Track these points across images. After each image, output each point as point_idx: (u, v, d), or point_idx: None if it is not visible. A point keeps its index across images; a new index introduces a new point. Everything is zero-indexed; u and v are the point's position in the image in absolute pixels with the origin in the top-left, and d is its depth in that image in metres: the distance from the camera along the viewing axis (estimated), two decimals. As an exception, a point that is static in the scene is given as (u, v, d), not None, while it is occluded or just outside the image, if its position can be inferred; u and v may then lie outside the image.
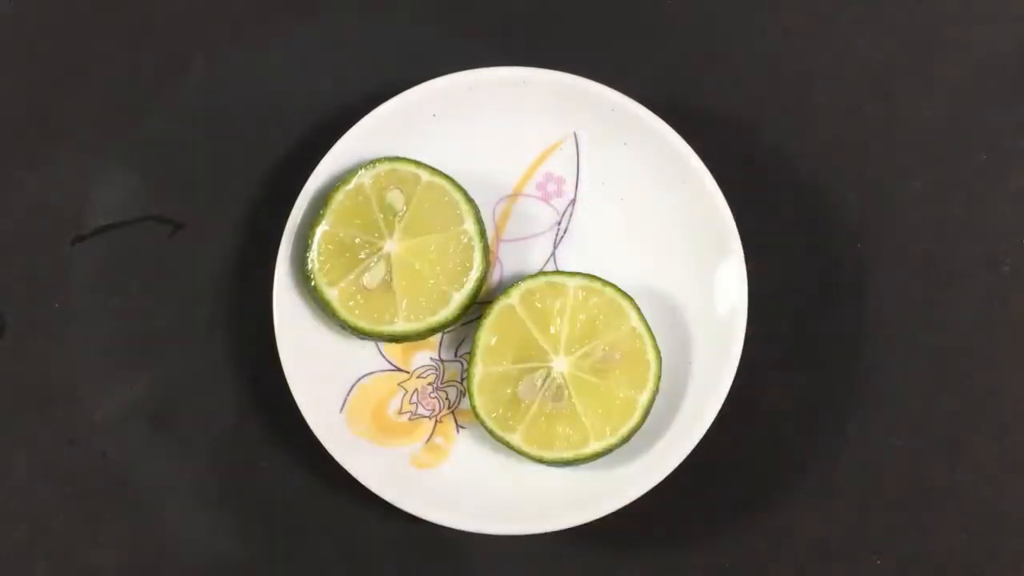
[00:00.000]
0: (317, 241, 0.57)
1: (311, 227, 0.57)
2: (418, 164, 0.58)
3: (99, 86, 0.62)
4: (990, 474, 0.60)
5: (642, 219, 0.59)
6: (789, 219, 0.61)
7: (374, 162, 0.58)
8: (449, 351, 0.60)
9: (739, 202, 0.57)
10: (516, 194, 0.60)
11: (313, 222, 0.57)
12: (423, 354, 0.60)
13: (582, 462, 0.56)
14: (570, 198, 0.60)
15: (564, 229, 0.60)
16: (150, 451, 0.60)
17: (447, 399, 0.60)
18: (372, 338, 0.58)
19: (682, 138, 0.57)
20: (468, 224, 0.57)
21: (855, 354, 0.61)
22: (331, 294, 0.57)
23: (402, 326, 0.57)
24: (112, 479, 0.60)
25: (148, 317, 0.61)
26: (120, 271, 0.61)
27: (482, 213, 0.58)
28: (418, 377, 0.60)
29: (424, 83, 0.58)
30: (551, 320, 0.57)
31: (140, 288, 0.61)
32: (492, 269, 0.60)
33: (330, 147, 0.58)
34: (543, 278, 0.57)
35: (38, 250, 0.61)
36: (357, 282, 0.57)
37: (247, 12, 0.63)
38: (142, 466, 0.60)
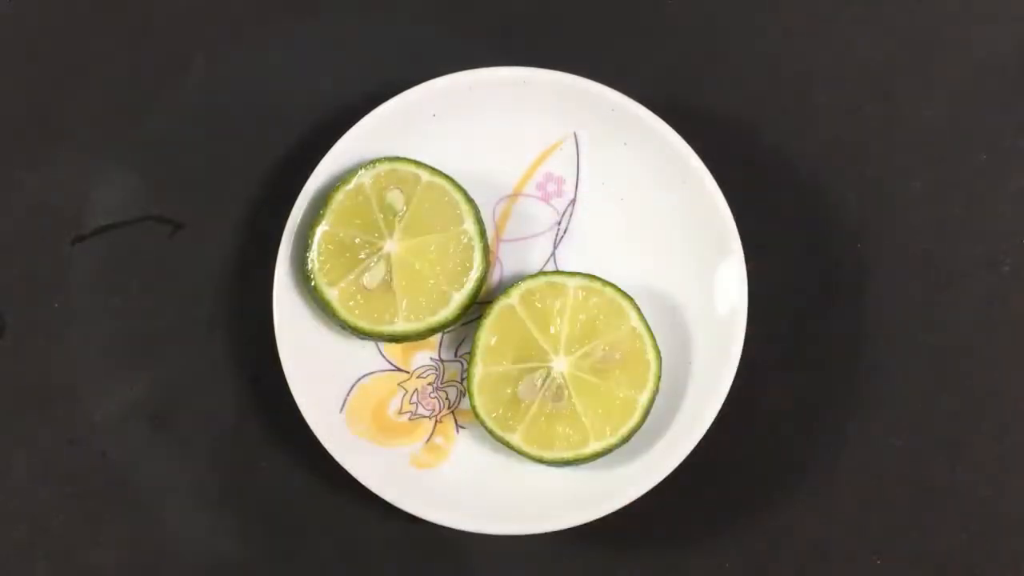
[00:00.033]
0: (317, 241, 0.57)
1: (311, 227, 0.57)
2: (418, 164, 0.58)
3: (99, 86, 0.62)
4: (990, 474, 0.60)
5: (642, 219, 0.59)
6: (789, 219, 0.61)
7: (374, 162, 0.58)
8: (449, 351, 0.60)
9: (739, 202, 0.57)
10: (516, 194, 0.60)
11: (313, 222, 0.57)
12: (423, 354, 0.60)
13: (582, 462, 0.56)
14: (570, 198, 0.60)
15: (564, 229, 0.60)
16: (150, 451, 0.60)
17: (447, 399, 0.60)
18: (372, 338, 0.58)
19: (682, 138, 0.57)
20: (468, 224, 0.57)
21: (855, 354, 0.61)
22: (331, 294, 0.57)
23: (402, 326, 0.57)
24: (112, 479, 0.60)
25: (148, 317, 0.61)
26: (120, 271, 0.61)
27: (482, 213, 0.58)
28: (418, 377, 0.60)
29: (424, 83, 0.58)
30: (551, 320, 0.57)
31: (140, 288, 0.61)
32: (492, 269, 0.60)
33: (330, 147, 0.58)
34: (543, 278, 0.57)
35: (38, 250, 0.61)
36: (357, 282, 0.57)
37: (247, 12, 0.63)
38: (142, 466, 0.60)
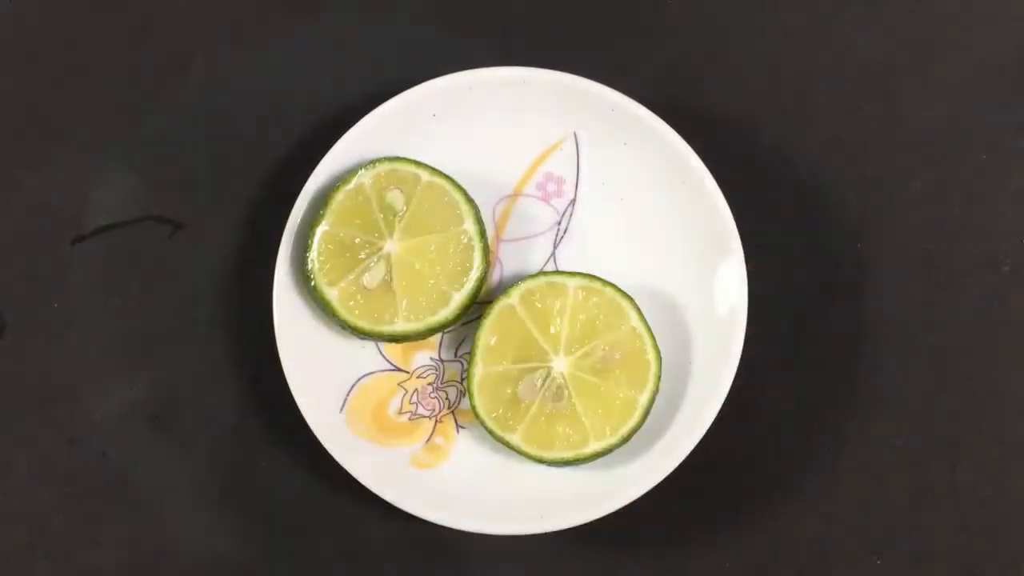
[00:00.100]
0: (317, 241, 0.57)
1: (311, 227, 0.57)
2: (418, 164, 0.58)
3: (99, 86, 0.62)
4: (990, 474, 0.60)
5: (642, 219, 0.59)
6: (789, 219, 0.61)
7: (374, 162, 0.58)
8: (449, 351, 0.60)
9: (739, 202, 0.57)
10: (516, 194, 0.60)
11: (313, 222, 0.57)
12: (423, 354, 0.60)
13: (582, 462, 0.56)
14: (570, 198, 0.60)
15: (564, 229, 0.60)
16: (150, 451, 0.60)
17: (447, 399, 0.60)
18: (372, 338, 0.58)
19: (682, 138, 0.57)
20: (468, 224, 0.57)
21: (855, 354, 0.61)
22: (331, 294, 0.57)
23: (402, 326, 0.57)
24: (112, 479, 0.60)
25: (148, 317, 0.61)
26: (120, 271, 0.61)
27: (482, 213, 0.58)
28: (418, 377, 0.60)
29: (424, 83, 0.58)
30: (551, 320, 0.57)
31: (140, 288, 0.61)
32: (492, 269, 0.60)
33: (330, 147, 0.58)
34: (543, 278, 0.57)
35: (38, 250, 0.61)
36: (357, 282, 0.57)
37: (247, 12, 0.63)
38: (142, 466, 0.60)
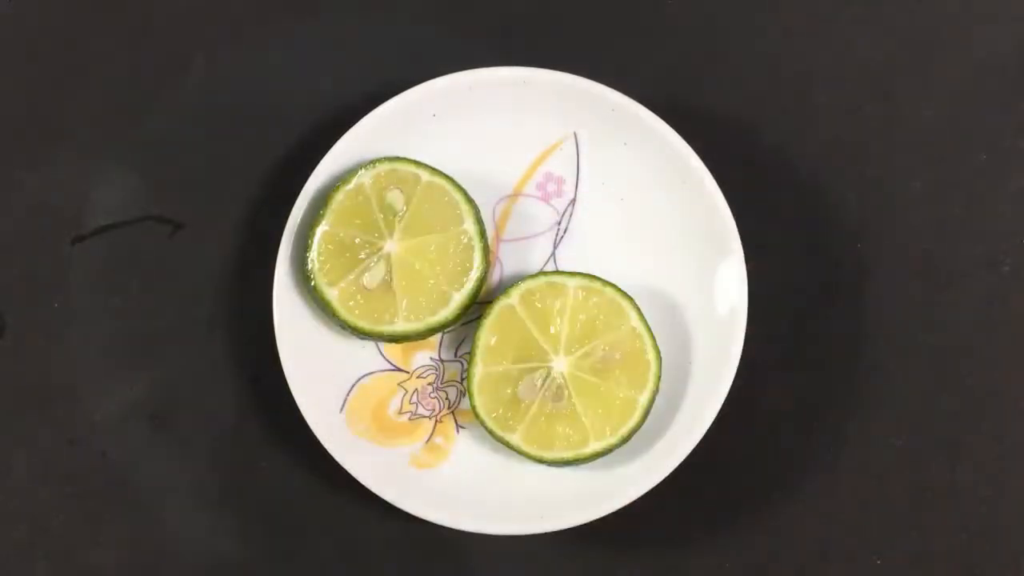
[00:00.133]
0: (317, 241, 0.57)
1: (311, 227, 0.57)
2: (418, 164, 0.58)
3: (99, 86, 0.62)
4: (990, 474, 0.60)
5: (642, 219, 0.59)
6: (789, 219, 0.61)
7: (374, 162, 0.58)
8: (449, 351, 0.60)
9: (739, 202, 0.57)
10: (516, 194, 0.60)
11: (313, 222, 0.57)
12: (423, 354, 0.60)
13: (582, 462, 0.56)
14: (570, 198, 0.60)
15: (564, 229, 0.60)
16: (150, 451, 0.60)
17: (447, 399, 0.60)
18: (372, 338, 0.58)
19: (682, 138, 0.57)
20: (468, 224, 0.57)
21: (855, 354, 0.61)
22: (331, 294, 0.57)
23: (402, 326, 0.57)
24: (112, 479, 0.60)
25: (148, 317, 0.61)
26: (120, 271, 0.61)
27: (482, 213, 0.58)
28: (418, 377, 0.60)
29: (424, 83, 0.58)
30: (551, 320, 0.57)
31: (140, 288, 0.61)
32: (492, 269, 0.60)
33: (330, 147, 0.58)
34: (543, 278, 0.57)
35: (38, 250, 0.61)
36: (357, 282, 0.57)
37: (247, 12, 0.63)
38: (142, 466, 0.60)
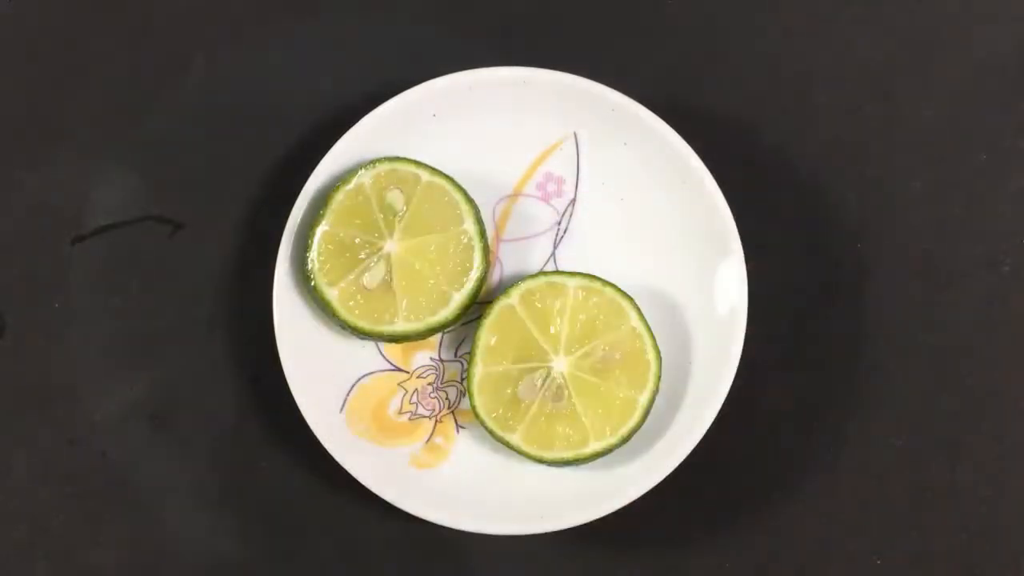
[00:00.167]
0: (317, 241, 0.57)
1: (311, 227, 0.57)
2: (418, 164, 0.58)
3: (99, 86, 0.62)
4: (990, 474, 0.60)
5: (642, 219, 0.59)
6: (789, 219, 0.61)
7: (374, 162, 0.58)
8: (449, 351, 0.60)
9: (739, 202, 0.57)
10: (516, 194, 0.60)
11: (313, 222, 0.57)
12: (423, 354, 0.60)
13: (582, 462, 0.56)
14: (570, 198, 0.60)
15: (564, 229, 0.60)
16: (150, 451, 0.60)
17: (447, 399, 0.60)
18: (372, 338, 0.58)
19: (682, 138, 0.57)
20: (468, 224, 0.57)
21: (855, 354, 0.61)
22: (331, 294, 0.57)
23: (402, 326, 0.57)
24: (112, 479, 0.60)
25: (148, 317, 0.61)
26: (120, 271, 0.61)
27: (482, 213, 0.58)
28: (418, 377, 0.60)
29: (424, 83, 0.58)
30: (551, 320, 0.57)
31: (140, 288, 0.61)
32: (492, 269, 0.60)
33: (330, 147, 0.58)
34: (543, 278, 0.57)
35: (38, 250, 0.61)
36: (357, 282, 0.57)
37: (247, 12, 0.63)
38: (142, 466, 0.60)
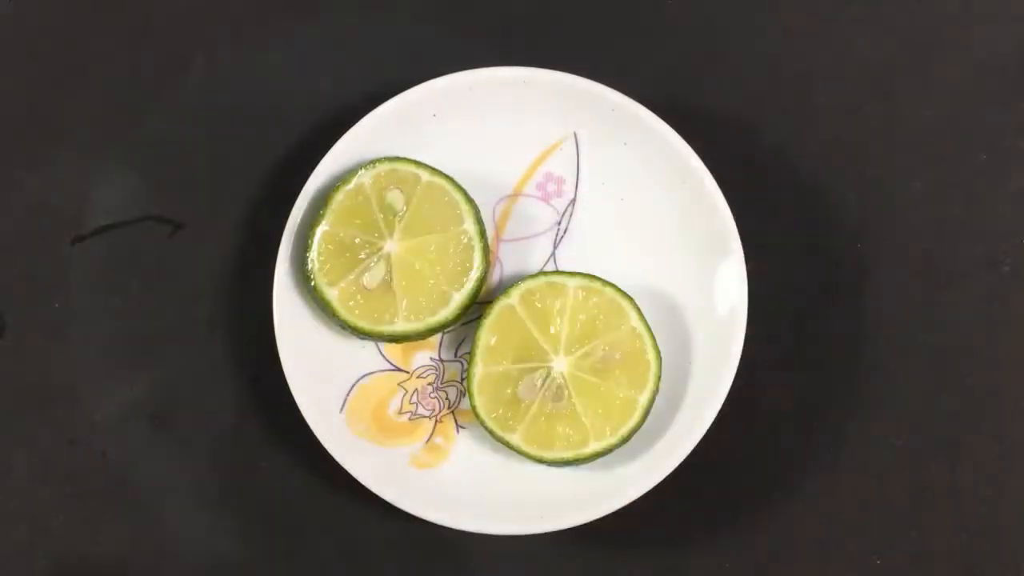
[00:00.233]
0: (317, 241, 0.57)
1: (311, 227, 0.57)
2: (418, 164, 0.58)
3: (99, 86, 0.62)
4: (990, 474, 0.60)
5: (642, 219, 0.59)
6: (789, 219, 0.61)
7: (374, 162, 0.58)
8: (449, 351, 0.60)
9: (739, 202, 0.57)
10: (516, 194, 0.60)
11: (313, 222, 0.57)
12: (423, 354, 0.60)
13: (582, 462, 0.56)
14: (570, 198, 0.60)
15: (564, 229, 0.60)
16: (150, 451, 0.60)
17: (447, 399, 0.60)
18: (372, 338, 0.58)
19: (682, 138, 0.57)
20: (468, 224, 0.57)
21: (855, 354, 0.61)
22: (331, 294, 0.57)
23: (402, 326, 0.57)
24: (112, 479, 0.60)
25: (148, 317, 0.61)
26: (120, 271, 0.61)
27: (482, 213, 0.58)
28: (418, 377, 0.60)
29: (424, 83, 0.58)
30: (551, 320, 0.57)
31: (140, 288, 0.61)
32: (492, 269, 0.60)
33: (330, 147, 0.58)
34: (543, 278, 0.57)
35: (38, 250, 0.61)
36: (357, 282, 0.57)
37: (247, 12, 0.63)
38: (142, 466, 0.60)
